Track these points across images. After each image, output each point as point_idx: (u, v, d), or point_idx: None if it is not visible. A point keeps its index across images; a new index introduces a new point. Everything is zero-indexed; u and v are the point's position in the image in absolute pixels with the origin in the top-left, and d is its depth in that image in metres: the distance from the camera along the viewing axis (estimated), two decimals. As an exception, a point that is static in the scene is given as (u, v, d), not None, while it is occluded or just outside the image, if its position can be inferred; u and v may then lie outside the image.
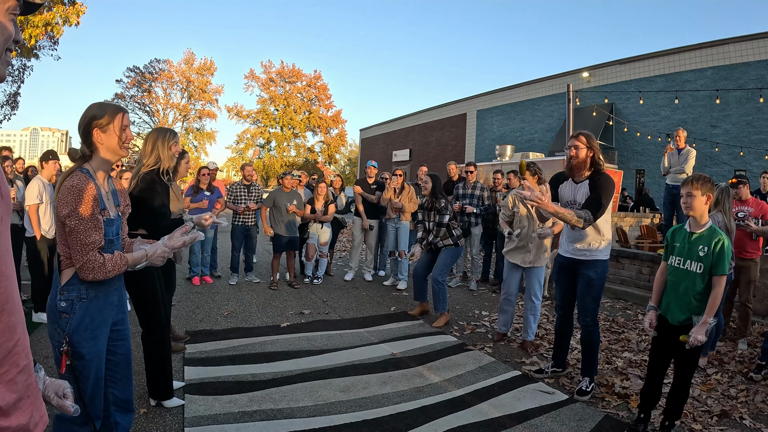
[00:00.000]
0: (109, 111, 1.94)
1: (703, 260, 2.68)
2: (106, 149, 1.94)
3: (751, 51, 13.18)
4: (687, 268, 2.74)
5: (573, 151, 3.40)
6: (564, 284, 3.63)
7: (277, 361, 3.82)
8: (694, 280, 2.71)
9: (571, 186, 3.50)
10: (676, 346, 2.74)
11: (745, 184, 5.06)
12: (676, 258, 2.81)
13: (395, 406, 3.12)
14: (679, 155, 6.74)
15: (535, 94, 20.24)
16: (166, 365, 3.00)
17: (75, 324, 1.86)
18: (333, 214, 7.02)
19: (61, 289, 1.86)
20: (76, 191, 1.81)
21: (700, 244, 2.71)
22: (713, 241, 2.67)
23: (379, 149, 31.90)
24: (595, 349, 3.49)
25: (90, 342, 1.89)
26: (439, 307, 5.12)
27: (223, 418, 2.85)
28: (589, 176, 3.42)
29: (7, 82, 22.41)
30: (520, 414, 3.08)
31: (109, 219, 1.95)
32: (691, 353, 2.72)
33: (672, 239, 2.90)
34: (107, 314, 1.98)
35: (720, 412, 3.18)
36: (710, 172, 13.43)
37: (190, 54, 39.26)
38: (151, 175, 2.94)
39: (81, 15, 14.53)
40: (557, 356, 3.79)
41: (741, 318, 4.80)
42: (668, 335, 2.77)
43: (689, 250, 2.74)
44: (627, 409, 3.21)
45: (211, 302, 5.61)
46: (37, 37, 14.06)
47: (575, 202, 3.43)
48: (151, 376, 2.98)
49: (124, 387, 2.16)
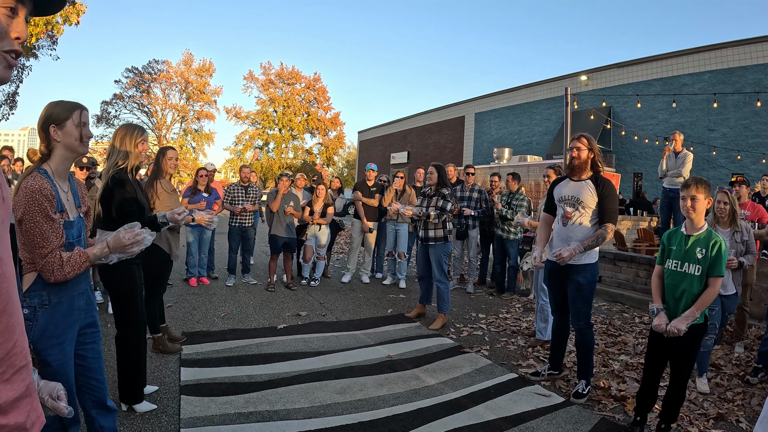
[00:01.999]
0: (66, 108, 1.90)
1: (701, 262, 2.69)
2: (64, 147, 1.89)
3: (749, 55, 13.23)
4: (685, 271, 2.74)
5: (575, 152, 3.50)
6: (555, 288, 3.64)
7: (273, 362, 3.81)
8: (692, 282, 2.71)
9: (571, 184, 3.56)
10: (672, 348, 2.75)
11: (747, 186, 5.09)
12: (673, 261, 2.81)
13: (391, 408, 3.11)
14: (677, 159, 6.76)
15: (533, 97, 20.28)
16: (140, 368, 2.96)
17: (38, 332, 1.80)
18: (331, 215, 7.01)
19: (22, 296, 1.79)
20: (30, 192, 1.76)
21: (697, 246, 2.72)
22: (710, 243, 2.69)
23: (377, 151, 31.92)
24: (590, 352, 3.50)
25: (56, 349, 1.83)
26: (442, 307, 5.14)
27: (219, 420, 2.84)
28: (590, 178, 3.51)
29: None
30: (516, 417, 3.07)
31: (68, 221, 1.89)
32: (686, 356, 2.73)
33: (668, 242, 2.90)
34: (73, 319, 1.92)
35: (716, 415, 3.18)
36: (707, 175, 13.46)
37: (188, 55, 39.19)
38: (120, 174, 2.83)
39: (81, 14, 14.56)
40: (554, 359, 3.80)
41: (737, 321, 4.82)
42: (667, 339, 2.75)
43: (686, 252, 2.75)
44: (623, 412, 3.21)
45: (208, 303, 5.60)
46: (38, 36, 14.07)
47: (573, 198, 3.49)
48: (123, 379, 2.91)
49: (99, 390, 2.12)
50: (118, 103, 37.50)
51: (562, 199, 3.57)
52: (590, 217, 3.46)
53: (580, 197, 3.46)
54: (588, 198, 3.44)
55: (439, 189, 5.23)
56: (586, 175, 3.53)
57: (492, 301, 6.50)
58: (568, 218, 3.50)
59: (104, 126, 37.49)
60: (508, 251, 6.80)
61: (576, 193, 3.49)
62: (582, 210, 3.46)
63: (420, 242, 5.37)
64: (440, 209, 5.13)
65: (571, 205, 3.50)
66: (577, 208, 3.47)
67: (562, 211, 3.56)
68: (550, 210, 3.78)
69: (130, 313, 2.90)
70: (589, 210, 3.45)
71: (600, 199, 3.42)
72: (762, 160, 12.39)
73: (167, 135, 38.83)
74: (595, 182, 3.47)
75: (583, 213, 3.46)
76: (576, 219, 3.47)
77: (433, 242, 5.20)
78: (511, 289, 6.97)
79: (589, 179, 3.50)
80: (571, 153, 3.54)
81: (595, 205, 3.44)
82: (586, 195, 3.45)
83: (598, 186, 3.44)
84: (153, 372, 3.48)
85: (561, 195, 3.59)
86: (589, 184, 3.47)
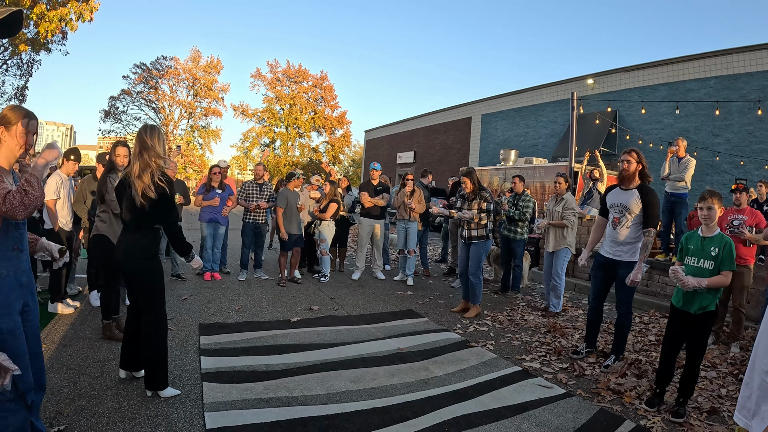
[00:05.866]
0: (16, 113, 2.07)
1: (714, 259, 3.22)
2: (7, 148, 2.06)
3: (755, 61, 13.30)
4: (701, 266, 3.26)
5: (625, 164, 4.13)
6: (600, 279, 4.29)
7: (289, 353, 4.01)
8: (705, 275, 3.21)
9: (620, 192, 4.21)
10: (687, 333, 3.31)
11: (747, 193, 5.24)
12: (692, 258, 3.34)
13: (403, 396, 3.31)
14: (679, 163, 6.91)
15: (540, 100, 20.37)
16: (166, 355, 3.13)
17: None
18: (333, 211, 7.16)
19: None
20: None
21: (711, 246, 3.25)
22: (723, 243, 3.23)
23: (383, 151, 32.06)
24: (626, 333, 4.22)
25: (6, 318, 1.98)
26: (475, 300, 5.71)
27: (240, 404, 3.03)
28: (637, 187, 4.13)
29: (16, 76, 22.72)
30: (520, 406, 3.27)
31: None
32: (700, 339, 3.28)
33: (686, 243, 3.43)
34: (19, 293, 2.09)
35: (709, 408, 3.36)
36: (711, 180, 13.58)
37: (196, 52, 39.44)
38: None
39: (94, 11, 14.80)
40: (589, 339, 4.44)
41: (734, 322, 4.98)
42: (683, 324, 3.32)
43: (702, 250, 3.29)
44: (621, 404, 3.40)
45: (222, 297, 5.80)
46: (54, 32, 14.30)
47: (621, 205, 4.14)
48: (151, 366, 3.05)
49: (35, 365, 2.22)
50: (126, 98, 37.86)
51: (613, 205, 4.24)
52: (635, 221, 4.09)
53: (628, 205, 4.09)
54: (634, 205, 4.07)
55: (479, 192, 5.65)
56: (633, 185, 4.14)
57: (497, 299, 6.69)
58: (617, 223, 4.16)
59: (112, 121, 37.87)
60: (514, 251, 6.98)
61: (624, 201, 4.13)
62: (628, 216, 4.10)
63: (463, 241, 5.79)
64: (485, 211, 5.55)
65: (619, 212, 4.16)
66: (624, 215, 4.12)
67: (612, 217, 4.23)
68: (603, 214, 4.42)
69: (161, 304, 3.12)
70: (634, 215, 4.09)
71: (644, 206, 4.04)
72: (765, 166, 12.48)
73: (175, 131, 39.12)
74: (641, 191, 4.08)
75: (629, 218, 4.10)
76: (623, 223, 4.12)
77: (476, 240, 5.62)
78: (516, 288, 7.15)
79: (636, 188, 4.11)
80: (621, 165, 4.16)
81: (640, 210, 4.06)
82: (633, 203, 4.08)
83: (643, 195, 4.05)
84: (174, 360, 3.65)
85: (612, 202, 4.26)
86: (635, 193, 4.09)
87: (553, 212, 6.00)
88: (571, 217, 5.88)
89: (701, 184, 13.34)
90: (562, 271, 5.94)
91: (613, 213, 4.21)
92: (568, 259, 5.98)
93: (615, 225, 4.17)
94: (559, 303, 6.01)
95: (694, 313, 3.25)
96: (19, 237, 2.10)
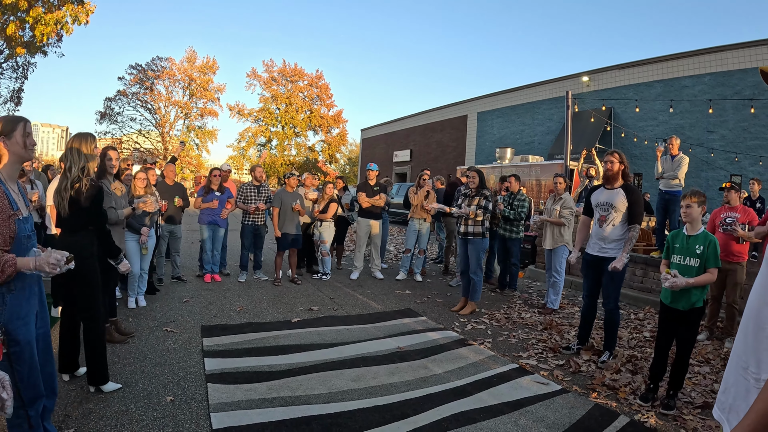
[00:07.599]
0: (11, 121, 2.15)
1: (699, 257, 3.34)
2: (13, 155, 2.15)
3: (749, 58, 13.40)
4: (687, 264, 3.39)
5: (609, 164, 4.33)
6: (591, 277, 4.44)
7: (290, 353, 4.08)
8: (691, 273, 3.34)
9: (605, 192, 4.38)
10: (678, 329, 3.43)
11: (737, 191, 5.32)
12: (678, 256, 3.46)
13: (403, 393, 3.39)
14: (672, 161, 7.00)
15: (536, 98, 20.45)
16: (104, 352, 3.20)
17: (8, 315, 2.02)
18: (334, 211, 7.27)
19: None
20: None
21: (696, 244, 3.37)
22: (707, 242, 3.34)
23: (379, 149, 32.11)
24: (616, 328, 4.33)
25: (24, 328, 2.06)
26: (474, 297, 5.84)
27: (245, 405, 3.10)
28: (622, 186, 4.31)
29: (11, 79, 22.64)
30: (517, 402, 3.35)
31: (24, 217, 2.16)
32: (689, 334, 3.39)
33: (672, 241, 3.55)
34: (33, 302, 2.18)
35: (702, 403, 3.44)
36: (706, 176, 13.70)
37: (192, 52, 39.33)
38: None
39: (90, 14, 14.82)
40: (582, 336, 4.57)
41: (728, 318, 5.08)
42: (673, 320, 3.44)
43: (687, 248, 3.41)
44: (616, 399, 3.48)
45: (222, 299, 5.86)
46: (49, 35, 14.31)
47: (607, 203, 4.29)
48: (93, 363, 3.12)
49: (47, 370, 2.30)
50: (122, 99, 37.68)
51: (598, 204, 4.38)
52: (621, 219, 4.24)
53: (614, 203, 4.25)
54: (620, 203, 4.23)
55: (480, 190, 5.81)
56: (618, 184, 4.33)
57: (494, 298, 6.78)
58: (603, 221, 4.31)
59: (107, 123, 37.76)
60: (510, 250, 7.06)
61: (610, 200, 4.29)
62: (614, 213, 4.25)
63: (459, 237, 5.92)
64: (483, 208, 5.70)
65: (605, 210, 4.31)
66: (610, 212, 4.26)
67: (598, 215, 4.37)
68: (588, 213, 4.61)
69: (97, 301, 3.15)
70: (620, 213, 4.24)
71: (629, 204, 4.21)
72: (759, 162, 12.60)
73: (170, 132, 39.05)
74: (626, 190, 4.25)
75: (615, 216, 4.25)
76: (609, 221, 4.26)
77: (471, 237, 5.76)
78: (513, 286, 7.23)
79: (621, 188, 4.29)
80: (605, 165, 4.36)
81: (626, 209, 4.22)
82: (619, 201, 4.23)
83: (628, 193, 4.23)
84: (178, 362, 3.73)
85: (597, 201, 4.41)
86: (621, 192, 4.26)
87: (551, 210, 6.13)
88: (568, 215, 5.99)
89: (696, 181, 13.47)
90: (562, 267, 6.07)
91: (599, 212, 4.37)
92: (566, 256, 6.08)
93: (601, 223, 4.32)
94: (557, 300, 6.16)
95: (683, 310, 3.37)
96: (31, 248, 2.17)
